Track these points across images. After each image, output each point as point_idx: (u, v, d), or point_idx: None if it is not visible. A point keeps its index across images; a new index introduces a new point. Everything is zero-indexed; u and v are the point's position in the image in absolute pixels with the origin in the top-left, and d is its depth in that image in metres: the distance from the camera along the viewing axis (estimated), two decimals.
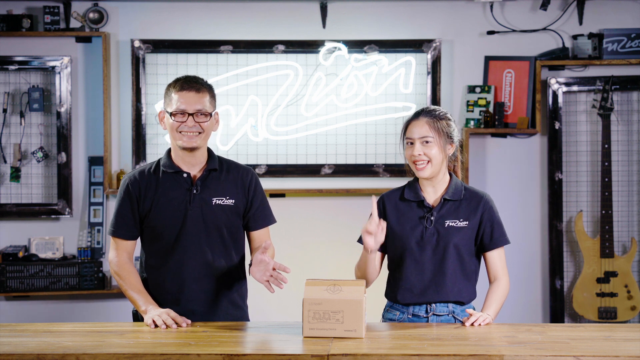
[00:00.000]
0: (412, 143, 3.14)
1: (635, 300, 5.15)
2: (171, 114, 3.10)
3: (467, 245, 3.16)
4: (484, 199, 3.19)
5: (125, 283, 3.15)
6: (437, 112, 3.16)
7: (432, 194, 3.20)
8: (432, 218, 3.15)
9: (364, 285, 2.84)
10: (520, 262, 5.34)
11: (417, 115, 3.17)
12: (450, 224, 3.14)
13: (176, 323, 2.97)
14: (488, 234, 3.16)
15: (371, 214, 3.06)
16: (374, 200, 3.08)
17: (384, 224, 3.03)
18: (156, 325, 2.96)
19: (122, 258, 3.18)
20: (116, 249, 3.20)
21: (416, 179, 3.24)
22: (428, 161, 3.12)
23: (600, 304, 5.17)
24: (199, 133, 3.11)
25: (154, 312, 3.00)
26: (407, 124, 3.18)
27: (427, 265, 3.14)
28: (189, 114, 3.09)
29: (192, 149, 3.13)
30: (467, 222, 3.15)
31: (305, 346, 2.65)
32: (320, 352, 2.54)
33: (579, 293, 5.20)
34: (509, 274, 3.21)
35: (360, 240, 3.24)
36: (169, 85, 3.17)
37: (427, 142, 3.11)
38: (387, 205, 3.23)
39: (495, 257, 3.18)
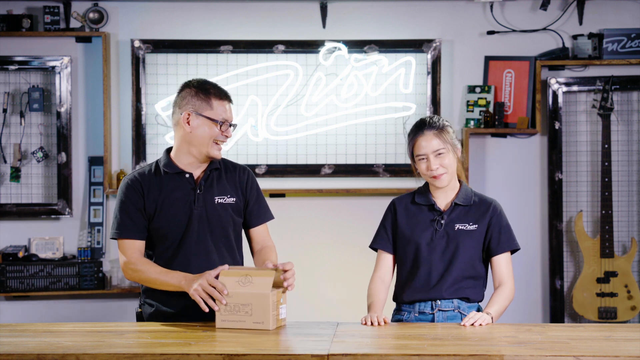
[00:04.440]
0: (424, 158, 3.17)
1: (635, 300, 5.15)
2: (218, 123, 3.11)
3: (475, 248, 3.19)
4: (493, 204, 3.23)
5: (149, 272, 3.08)
6: (439, 123, 3.20)
7: (443, 199, 3.23)
8: (442, 221, 3.19)
9: (273, 277, 2.91)
10: (520, 262, 5.34)
11: (421, 129, 3.19)
12: (460, 227, 3.18)
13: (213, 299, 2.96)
14: (496, 238, 3.19)
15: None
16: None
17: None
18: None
19: (136, 256, 3.13)
20: (127, 250, 3.13)
21: (426, 186, 3.28)
22: (446, 171, 3.16)
23: (600, 304, 5.17)
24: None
25: (193, 285, 2.96)
26: (414, 141, 3.20)
27: (435, 266, 3.17)
28: (230, 125, 3.15)
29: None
30: (476, 226, 3.18)
31: (305, 346, 2.65)
32: (320, 352, 2.54)
33: (579, 293, 5.20)
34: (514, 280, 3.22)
35: (372, 247, 3.32)
36: (202, 89, 3.12)
37: (439, 154, 3.16)
38: (397, 208, 3.27)
39: (501, 261, 3.19)
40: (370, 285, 3.27)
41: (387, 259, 3.28)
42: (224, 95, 3.15)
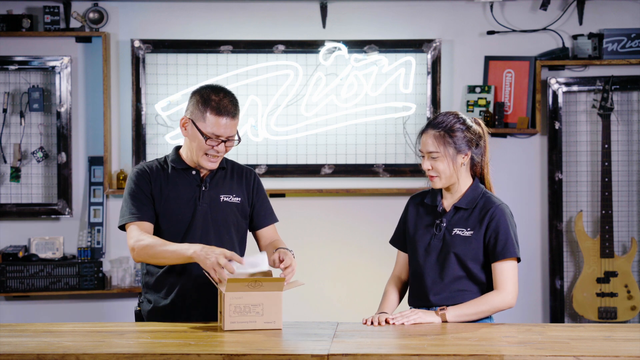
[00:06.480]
0: (423, 156, 3.12)
1: (635, 300, 5.15)
2: (205, 137, 3.06)
3: (472, 254, 3.08)
4: (494, 208, 3.09)
5: (157, 243, 3.02)
6: (445, 124, 3.07)
7: (450, 200, 3.15)
8: (442, 225, 3.11)
9: (284, 281, 2.89)
10: (520, 262, 5.34)
11: (427, 126, 3.12)
12: (457, 232, 3.08)
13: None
14: (492, 245, 3.07)
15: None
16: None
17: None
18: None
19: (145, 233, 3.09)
20: (137, 230, 3.08)
21: None
22: (437, 175, 3.09)
23: (600, 304, 5.17)
24: (222, 154, 3.13)
25: (210, 258, 2.88)
26: (420, 136, 3.14)
27: (428, 271, 3.11)
28: (222, 140, 3.09)
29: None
30: (472, 232, 3.07)
31: (305, 346, 2.65)
32: (320, 352, 2.54)
33: (579, 293, 5.20)
34: (516, 291, 3.06)
35: (392, 242, 3.29)
36: (204, 99, 3.07)
37: (433, 157, 3.08)
38: (409, 208, 3.23)
39: (498, 269, 3.07)
40: (387, 283, 3.27)
41: (403, 256, 3.26)
42: (223, 111, 3.06)
